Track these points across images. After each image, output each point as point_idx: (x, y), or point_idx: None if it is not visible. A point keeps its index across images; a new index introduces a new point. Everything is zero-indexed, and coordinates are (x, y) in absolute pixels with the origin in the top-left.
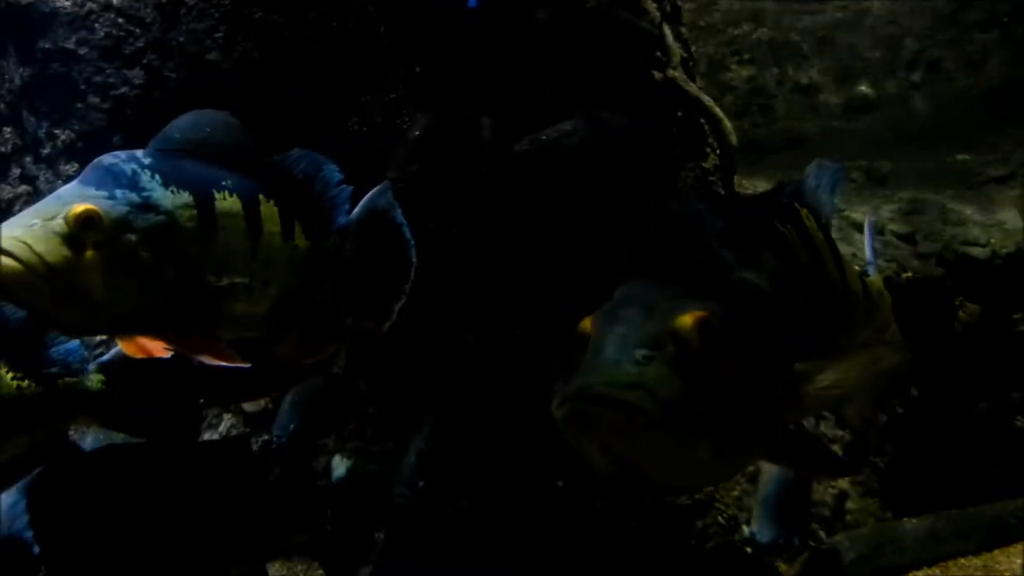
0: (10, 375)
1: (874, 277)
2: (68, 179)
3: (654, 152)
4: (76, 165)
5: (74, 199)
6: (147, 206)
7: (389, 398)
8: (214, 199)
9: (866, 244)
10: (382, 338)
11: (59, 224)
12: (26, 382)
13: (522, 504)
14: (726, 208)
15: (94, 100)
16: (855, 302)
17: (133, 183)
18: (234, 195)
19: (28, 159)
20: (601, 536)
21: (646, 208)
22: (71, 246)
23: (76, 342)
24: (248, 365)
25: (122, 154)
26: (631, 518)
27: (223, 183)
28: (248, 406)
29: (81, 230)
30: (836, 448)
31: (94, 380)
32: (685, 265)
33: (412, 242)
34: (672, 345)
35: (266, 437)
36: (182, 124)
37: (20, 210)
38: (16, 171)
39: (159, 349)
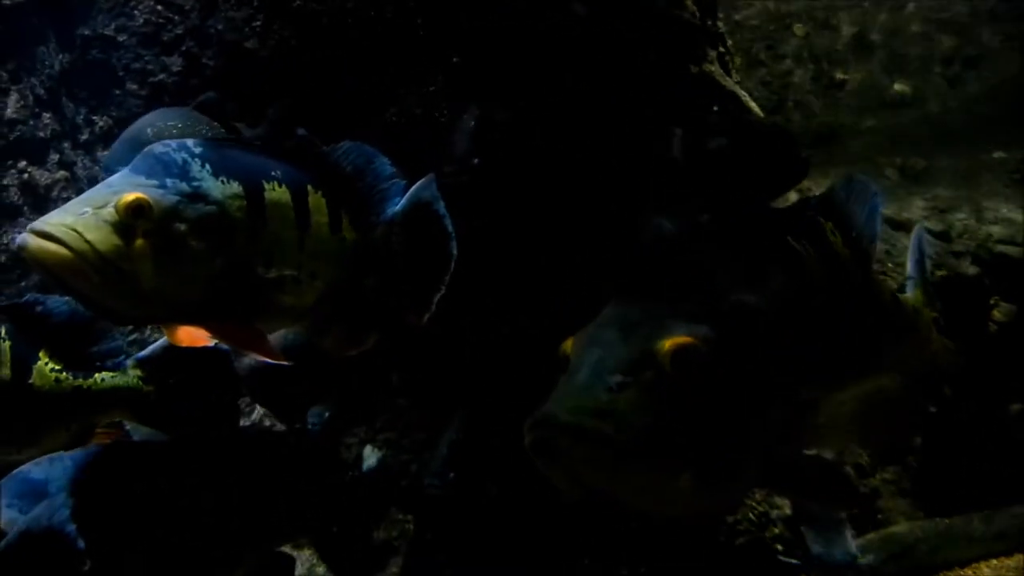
0: (49, 367)
1: (912, 294)
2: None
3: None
4: None
5: (125, 188)
6: (197, 196)
7: (421, 389)
8: (263, 189)
9: (909, 256)
10: (420, 330)
11: (110, 212)
12: (64, 375)
13: (551, 495)
14: (731, 222)
15: (132, 87)
16: (887, 322)
17: (183, 172)
18: (283, 185)
19: (66, 145)
20: (631, 529)
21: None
22: (121, 235)
23: (121, 337)
24: (290, 363)
25: (172, 143)
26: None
27: (272, 173)
28: None
29: (131, 219)
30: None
31: (131, 376)
32: (676, 283)
33: (453, 235)
34: (650, 371)
35: (298, 425)
36: (151, 120)
37: (58, 195)
38: (55, 156)
39: (204, 338)
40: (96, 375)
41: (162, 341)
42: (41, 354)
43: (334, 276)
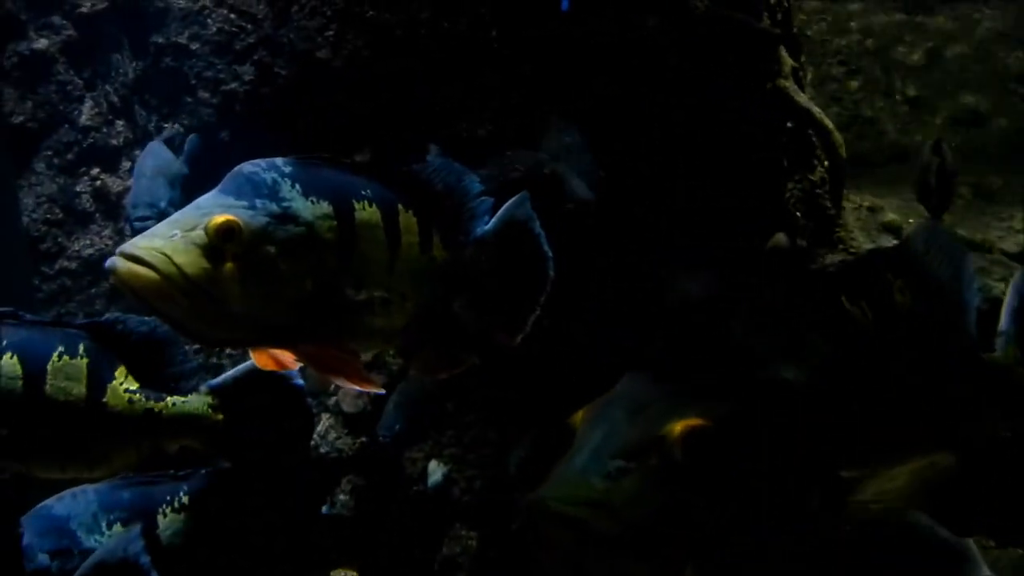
0: (123, 387)
1: (1003, 351)
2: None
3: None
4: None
5: (214, 209)
6: (287, 216)
7: (490, 404)
8: (354, 209)
9: (1005, 305)
10: (513, 351)
11: (199, 235)
12: (138, 396)
13: None
14: (772, 280)
15: (204, 95)
16: (968, 391)
17: (273, 193)
18: (373, 205)
19: (138, 152)
20: None
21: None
22: (210, 258)
23: (195, 362)
24: (383, 391)
25: (262, 162)
26: None
27: (362, 192)
28: (347, 406)
29: (221, 241)
30: None
31: (202, 402)
32: (700, 354)
33: (550, 255)
34: (656, 457)
35: (363, 439)
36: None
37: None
38: (126, 164)
39: (291, 361)
40: (168, 399)
41: (236, 369)
42: (117, 373)
43: (424, 297)
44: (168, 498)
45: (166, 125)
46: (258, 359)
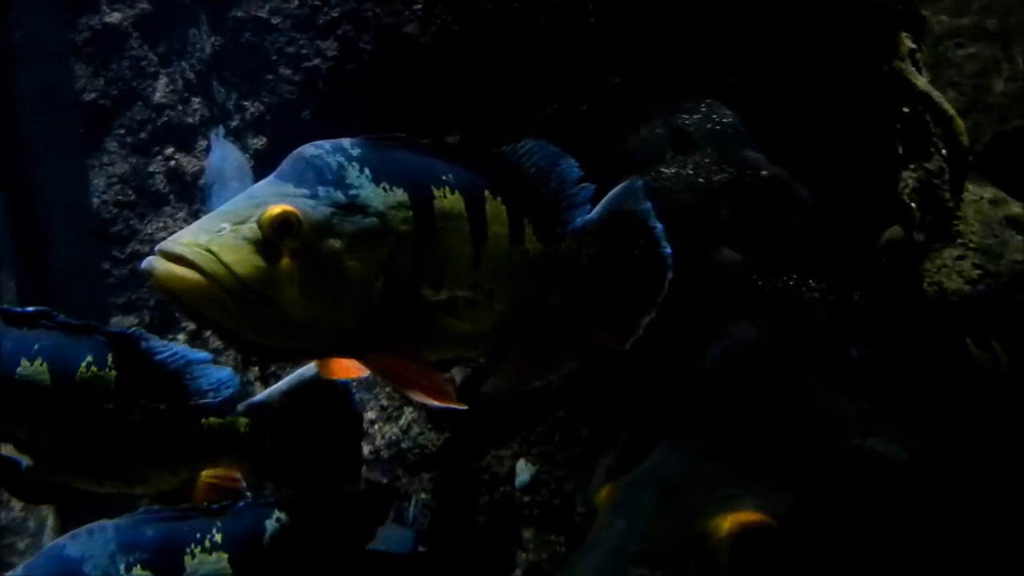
0: (153, 404)
1: None
2: (255, 153)
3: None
4: (264, 139)
5: (269, 199)
6: (354, 206)
7: (583, 399)
8: (433, 197)
9: None
10: (621, 356)
11: (251, 229)
12: (167, 415)
13: None
14: (855, 319)
15: (285, 72)
16: None
17: (338, 179)
18: (456, 192)
19: (214, 133)
20: None
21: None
22: (265, 255)
23: (227, 372)
24: (465, 408)
25: (326, 144)
26: None
27: (443, 178)
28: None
29: (277, 236)
30: None
31: (241, 423)
32: (755, 420)
33: (668, 250)
34: (694, 562)
35: (448, 435)
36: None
37: (205, 183)
38: (203, 143)
39: (358, 370)
40: (204, 420)
41: (280, 383)
42: (150, 388)
43: (516, 296)
44: (198, 536)
45: (245, 103)
46: (322, 369)
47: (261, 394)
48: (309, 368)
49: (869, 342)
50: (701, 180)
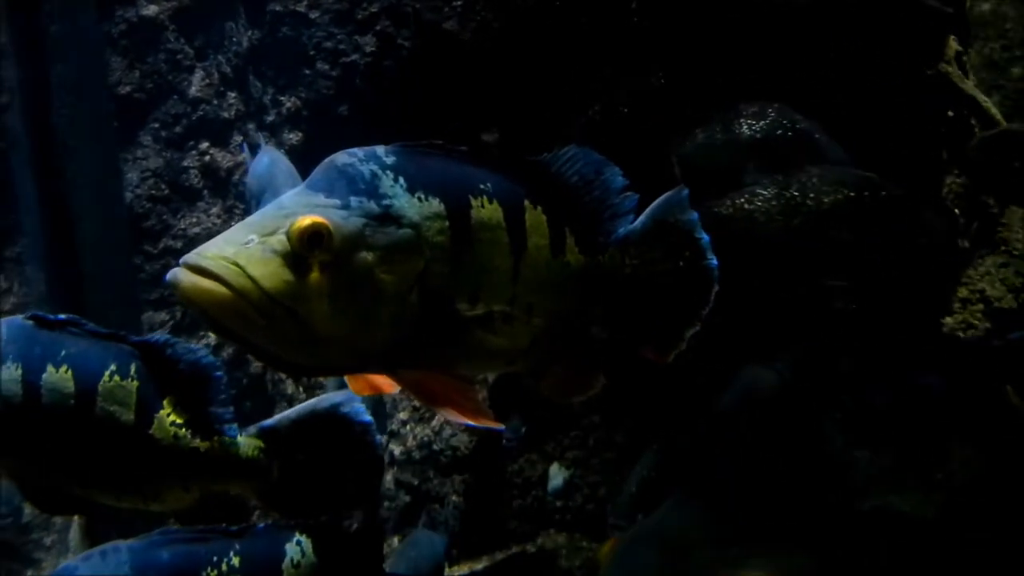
0: (171, 419)
1: None
2: (291, 149)
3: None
4: (300, 134)
5: (299, 209)
6: (388, 217)
7: (617, 404)
8: (470, 207)
9: None
10: (664, 368)
11: (280, 241)
12: (183, 432)
13: None
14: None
15: (322, 67)
16: None
17: (372, 189)
18: (494, 201)
19: (251, 126)
20: None
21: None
22: (293, 268)
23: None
24: (502, 428)
25: (359, 151)
26: None
27: (481, 187)
28: None
29: (306, 248)
30: None
31: (251, 446)
32: (769, 474)
33: (715, 262)
34: None
35: (480, 438)
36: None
37: (239, 179)
38: (238, 138)
39: (390, 386)
40: (215, 439)
41: (293, 409)
42: (165, 403)
43: (555, 309)
44: (215, 559)
45: (282, 98)
46: (352, 385)
47: (273, 418)
48: (325, 399)
49: (895, 390)
50: (810, 202)
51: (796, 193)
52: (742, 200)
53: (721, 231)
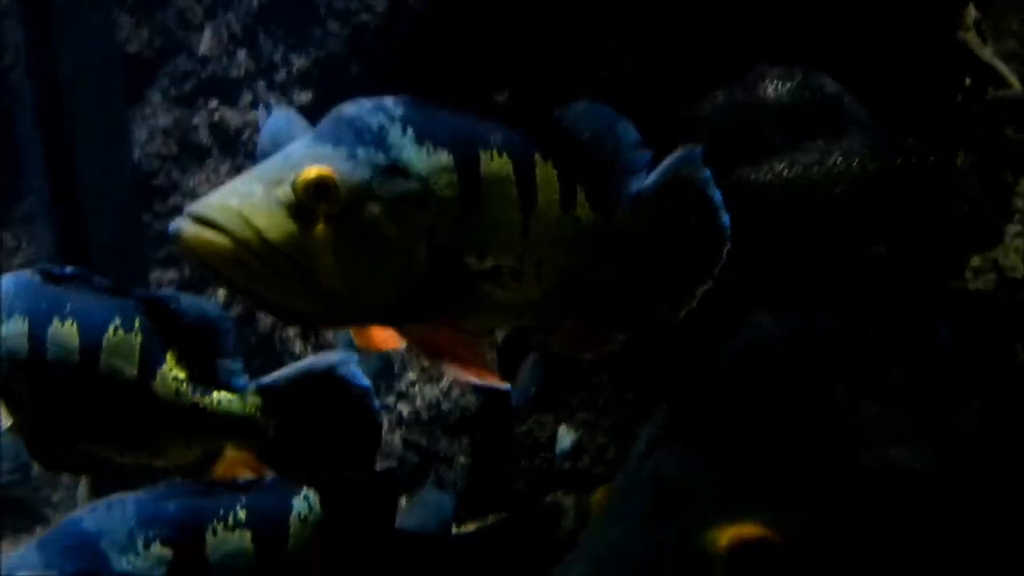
0: (172, 374)
1: None
2: (301, 108)
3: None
4: (310, 94)
5: (305, 160)
6: (395, 169)
7: (627, 361)
8: (479, 160)
9: None
10: (674, 326)
11: (285, 192)
12: (185, 387)
13: None
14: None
15: (333, 26)
16: None
17: (379, 140)
18: (504, 155)
19: (261, 84)
20: None
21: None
22: (298, 219)
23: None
24: (507, 386)
25: (367, 102)
26: None
27: (490, 140)
28: None
29: (312, 199)
30: None
31: (250, 403)
32: (771, 425)
33: (727, 220)
34: None
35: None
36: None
37: (248, 138)
38: (247, 97)
39: (396, 341)
40: (214, 395)
41: (290, 367)
42: (168, 357)
43: (565, 265)
44: (221, 512)
45: (292, 57)
46: (358, 339)
47: (270, 376)
48: (321, 358)
49: (912, 360)
50: (855, 169)
51: (840, 159)
52: (782, 166)
53: (759, 198)
